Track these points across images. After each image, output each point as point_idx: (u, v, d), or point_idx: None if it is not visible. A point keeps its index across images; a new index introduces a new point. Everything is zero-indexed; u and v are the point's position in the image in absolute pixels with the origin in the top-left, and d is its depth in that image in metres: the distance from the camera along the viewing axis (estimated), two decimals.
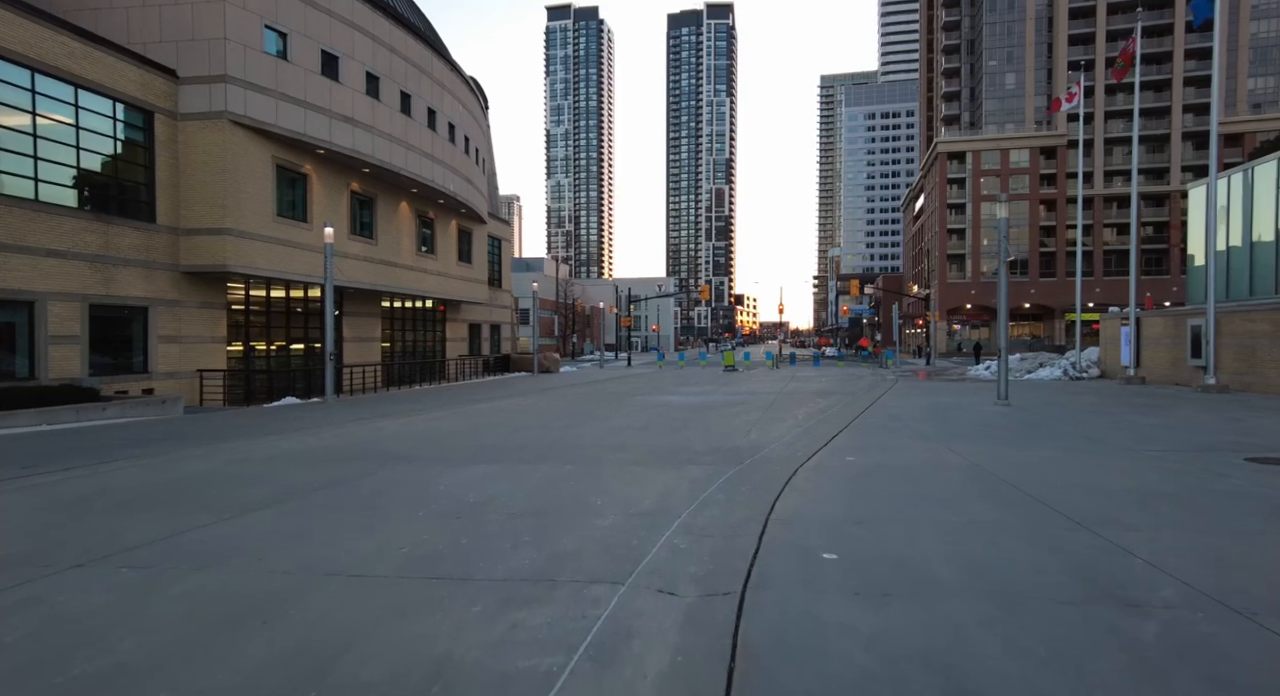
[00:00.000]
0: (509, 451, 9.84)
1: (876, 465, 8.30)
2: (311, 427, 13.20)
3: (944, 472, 7.80)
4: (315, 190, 22.75)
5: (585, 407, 17.09)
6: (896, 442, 10.27)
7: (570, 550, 4.89)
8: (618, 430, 12.24)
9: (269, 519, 5.98)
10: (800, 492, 6.77)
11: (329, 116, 21.92)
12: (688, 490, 6.91)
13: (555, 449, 10.00)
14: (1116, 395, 19.09)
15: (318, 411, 17.03)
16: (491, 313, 39.35)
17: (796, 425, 12.63)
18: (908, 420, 13.44)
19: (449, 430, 12.69)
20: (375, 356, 27.92)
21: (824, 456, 8.97)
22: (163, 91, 18.29)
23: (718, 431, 11.91)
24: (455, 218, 32.57)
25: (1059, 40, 70.69)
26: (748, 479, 7.49)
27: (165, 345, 18.64)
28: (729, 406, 16.67)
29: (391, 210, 27.15)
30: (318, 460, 9.22)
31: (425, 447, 10.34)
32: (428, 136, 27.33)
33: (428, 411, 16.65)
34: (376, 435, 12.01)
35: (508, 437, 11.42)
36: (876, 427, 12.20)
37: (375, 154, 23.92)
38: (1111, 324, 26.05)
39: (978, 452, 9.19)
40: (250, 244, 19.69)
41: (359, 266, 24.84)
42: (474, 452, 9.74)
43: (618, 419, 14.19)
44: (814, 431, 11.75)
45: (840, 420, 13.38)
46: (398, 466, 8.58)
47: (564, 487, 7.18)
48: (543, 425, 13.36)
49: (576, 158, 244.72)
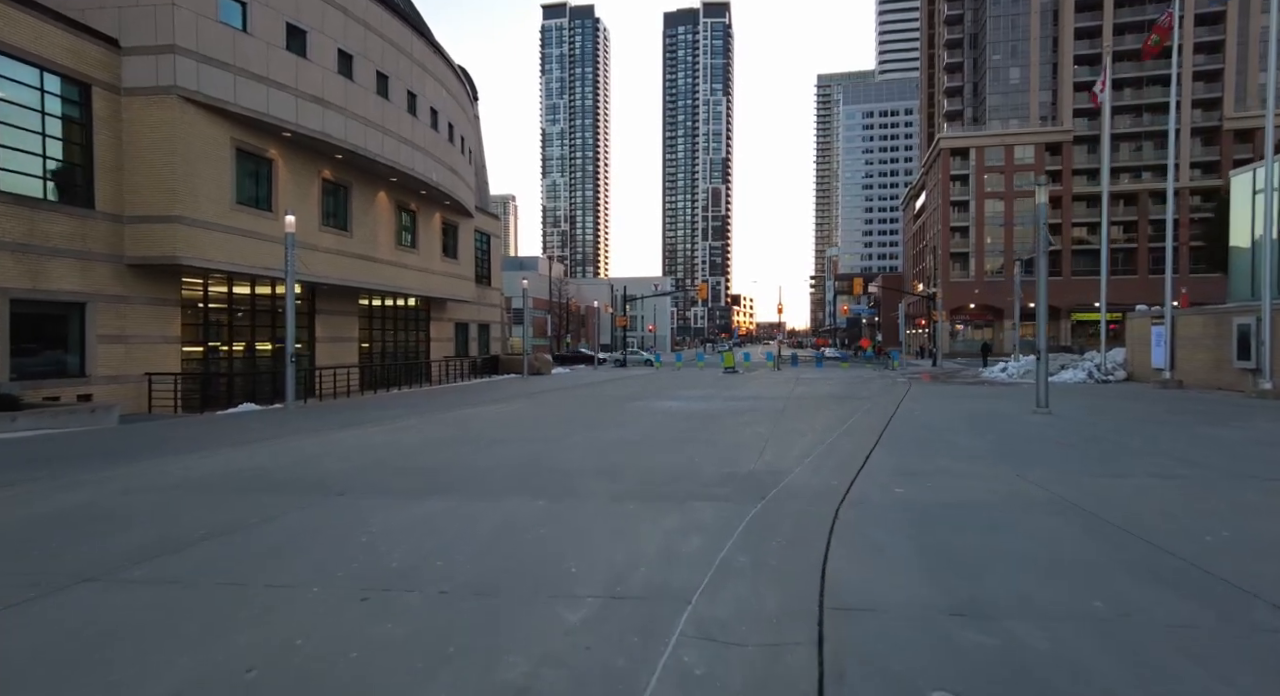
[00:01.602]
0: (473, 476, 7.97)
1: (938, 502, 6.45)
2: (254, 441, 11.32)
3: (1031, 514, 5.96)
4: (281, 177, 20.82)
5: (574, 415, 15.22)
6: (946, 465, 8.44)
7: (517, 681, 3.03)
8: (609, 446, 10.38)
9: (84, 602, 4.10)
10: (853, 551, 4.91)
11: (295, 96, 20.00)
12: (698, 546, 5.05)
13: (530, 472, 8.14)
14: (1162, 401, 17.30)
15: (272, 420, 15.13)
16: (480, 311, 37.43)
17: (817, 439, 10.79)
18: (944, 432, 11.61)
19: (410, 445, 10.81)
20: (352, 358, 26.00)
21: (865, 486, 7.13)
22: (101, 62, 16.35)
23: (726, 447, 10.06)
24: (439, 210, 30.65)
25: (1064, 34, 69.04)
26: (776, 526, 5.63)
27: (107, 346, 16.70)
28: (735, 414, 14.82)
29: (368, 201, 25.23)
30: (230, 490, 7.34)
31: (372, 471, 8.46)
32: (407, 121, 25.41)
33: (398, 419, 14.76)
34: (323, 451, 10.13)
35: (476, 455, 9.55)
36: (912, 442, 10.37)
37: (348, 138, 22.00)
38: (1140, 323, 24.27)
39: (1054, 480, 7.36)
40: (205, 234, 17.77)
41: (331, 260, 22.92)
42: (429, 478, 7.87)
43: (609, 429, 12.34)
44: (839, 448, 9.91)
45: (866, 432, 11.54)
46: (324, 502, 6.71)
47: (528, 539, 5.32)
48: (522, 437, 11.48)
49: (572, 157, 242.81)
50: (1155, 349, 22.92)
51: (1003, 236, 71.21)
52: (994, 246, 71.75)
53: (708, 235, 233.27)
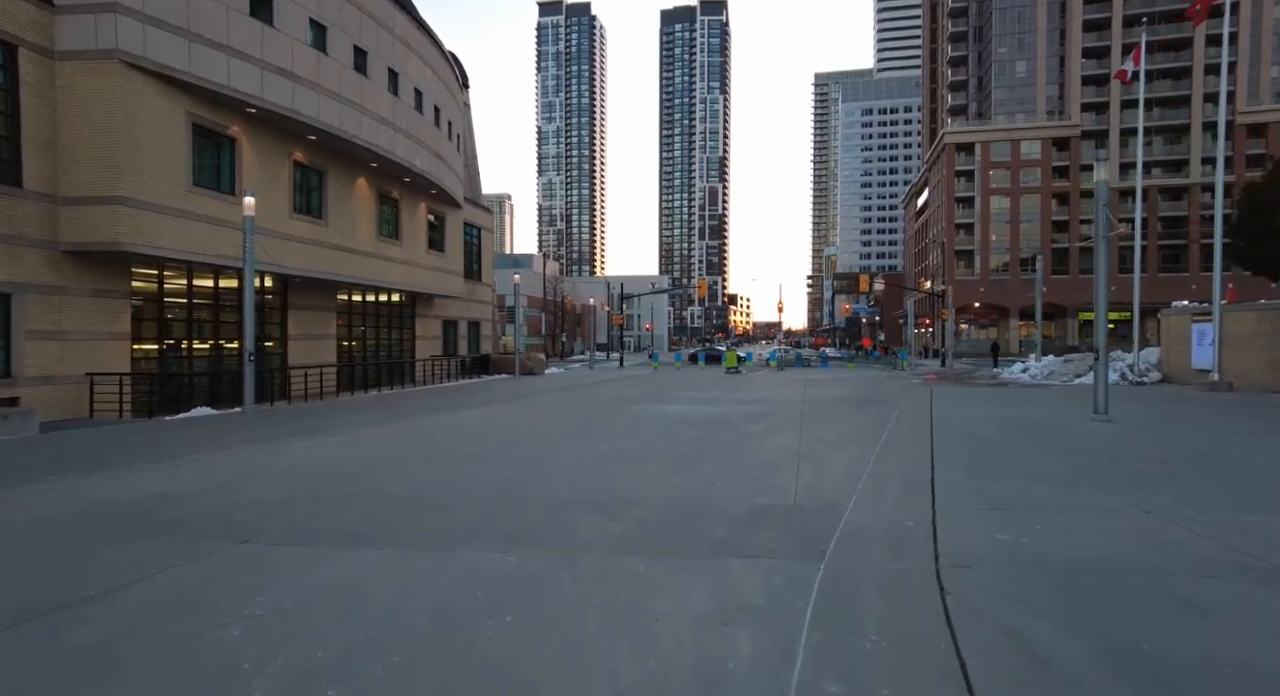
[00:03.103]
0: (432, 511, 6.11)
1: (1070, 559, 4.60)
2: (186, 455, 9.43)
3: (1227, 584, 4.12)
4: (246, 158, 18.90)
5: (566, 422, 13.36)
6: (1038, 496, 6.61)
7: None
8: (604, 464, 8.54)
9: None
10: (1004, 668, 3.07)
11: (261, 67, 18.07)
12: (750, 653, 3.19)
13: (504, 506, 6.28)
14: (1227, 407, 15.50)
15: (223, 427, 13.23)
16: (469, 308, 35.50)
17: (858, 454, 8.95)
18: (1000, 444, 9.79)
19: (368, 461, 8.94)
20: (329, 356, 24.07)
21: (955, 530, 5.28)
22: (28, 20, 14.41)
23: (751, 466, 8.22)
24: (425, 200, 28.72)
25: (1072, 26, 67.40)
26: (859, 606, 3.78)
27: (38, 342, 14.76)
28: (749, 421, 12.97)
29: (345, 187, 23.31)
30: (96, 535, 5.47)
31: (303, 502, 6.58)
32: (388, 101, 23.50)
33: (366, 426, 12.89)
34: (259, 470, 8.26)
35: (440, 477, 7.70)
36: (973, 459, 8.54)
37: (320, 116, 20.06)
38: (1179, 320, 22.50)
39: (1203, 520, 5.53)
40: (154, 217, 15.84)
41: (304, 251, 21.00)
42: (372, 513, 6.01)
43: (605, 441, 10.49)
44: (890, 466, 8.08)
45: (911, 444, 9.71)
46: (214, 556, 4.85)
47: (482, 629, 3.46)
48: (502, 454, 9.62)
49: (568, 155, 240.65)
50: (1197, 348, 21.17)
51: (1008, 234, 69.55)
52: (999, 244, 70.08)
53: (704, 234, 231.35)
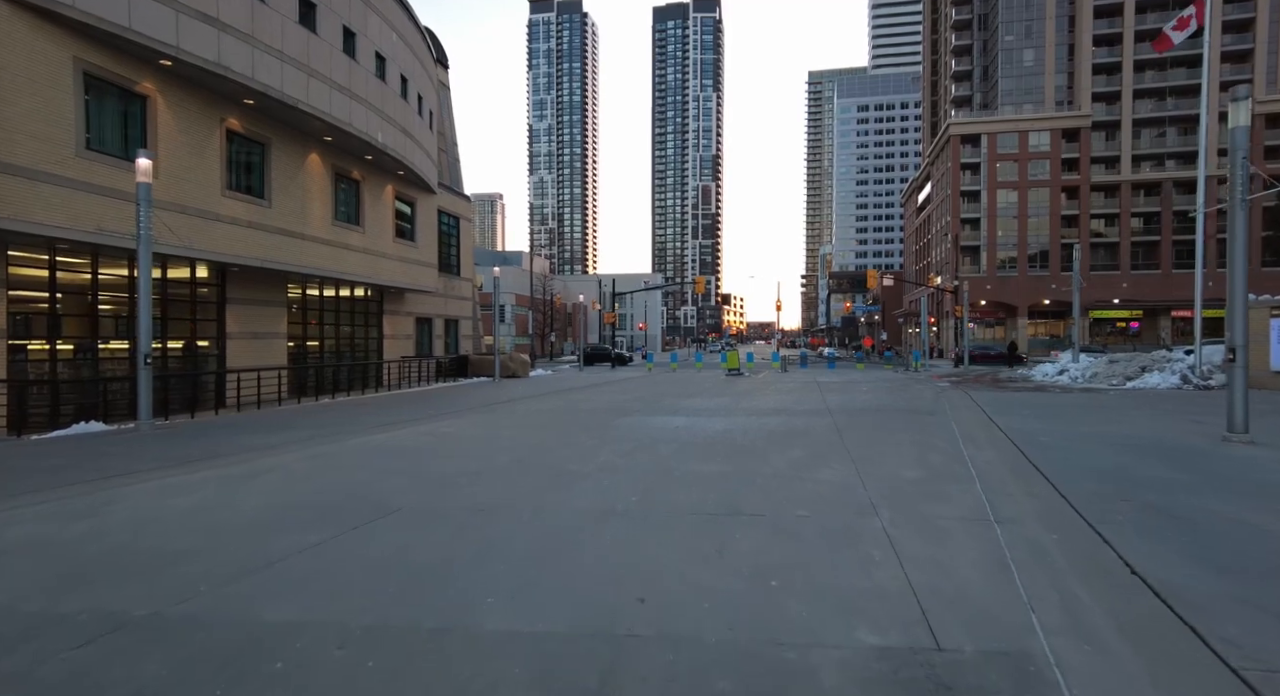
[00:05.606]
0: (294, 628, 3.06)
1: None
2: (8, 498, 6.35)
3: None
4: (161, 121, 15.76)
5: (538, 447, 10.30)
6: None
7: None
8: (582, 534, 5.50)
9: None
10: None
11: (176, 10, 14.94)
12: None
13: (423, 618, 3.24)
14: None
15: (93, 451, 10.10)
16: (447, 305, 32.36)
17: (966, 508, 5.95)
18: (1146, 487, 6.80)
19: (205, 529, 5.86)
20: (278, 357, 20.94)
21: None
22: None
23: (816, 535, 5.20)
24: (392, 182, 25.59)
25: (1082, 12, 64.80)
26: None
27: None
28: (777, 442, 9.95)
29: (294, 164, 20.18)
30: None
31: (103, 593, 3.52)
32: (343, 64, 20.38)
33: (272, 451, 9.80)
34: (50, 537, 5.19)
35: (295, 574, 4.64)
36: (1137, 511, 5.55)
37: (256, 75, 16.94)
38: (1255, 315, 19.60)
39: None
40: (27, 186, 12.70)
41: (242, 235, 17.87)
42: (189, 635, 2.97)
43: (588, 480, 7.45)
44: (1031, 531, 5.08)
45: (1020, 478, 6.71)
46: None
47: None
48: (429, 508, 6.54)
49: (560, 153, 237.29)
50: (1276, 346, 18.33)
51: (1015, 229, 66.88)
52: (1005, 240, 67.40)
53: (698, 233, 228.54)
